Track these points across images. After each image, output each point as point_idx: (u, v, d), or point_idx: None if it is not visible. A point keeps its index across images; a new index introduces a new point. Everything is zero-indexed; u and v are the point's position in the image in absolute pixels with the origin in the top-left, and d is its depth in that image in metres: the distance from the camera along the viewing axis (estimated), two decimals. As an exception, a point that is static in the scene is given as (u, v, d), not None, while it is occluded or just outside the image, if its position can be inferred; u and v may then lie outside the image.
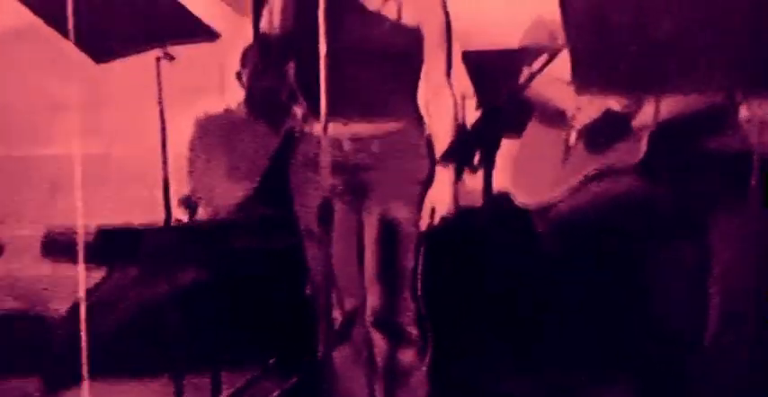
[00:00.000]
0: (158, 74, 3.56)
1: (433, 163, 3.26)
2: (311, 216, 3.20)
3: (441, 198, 3.24)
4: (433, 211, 3.24)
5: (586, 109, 2.96)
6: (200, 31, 3.49)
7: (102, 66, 3.60)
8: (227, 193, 4.36)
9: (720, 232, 2.80)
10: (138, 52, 3.55)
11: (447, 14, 3.32)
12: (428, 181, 3.27)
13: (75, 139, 4.60)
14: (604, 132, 2.95)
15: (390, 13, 3.28)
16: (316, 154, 3.20)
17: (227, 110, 4.58)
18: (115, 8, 3.40)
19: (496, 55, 4.13)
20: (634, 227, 2.97)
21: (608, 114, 2.94)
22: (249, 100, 4.48)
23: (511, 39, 3.54)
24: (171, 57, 3.55)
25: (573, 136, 3.06)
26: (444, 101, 3.30)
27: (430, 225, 3.24)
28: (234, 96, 4.68)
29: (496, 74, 4.00)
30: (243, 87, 4.50)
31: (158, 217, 3.70)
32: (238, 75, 4.51)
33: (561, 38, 4.13)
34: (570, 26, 2.27)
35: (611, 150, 2.95)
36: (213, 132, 4.52)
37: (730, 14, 2.19)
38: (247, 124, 4.50)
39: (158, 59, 3.54)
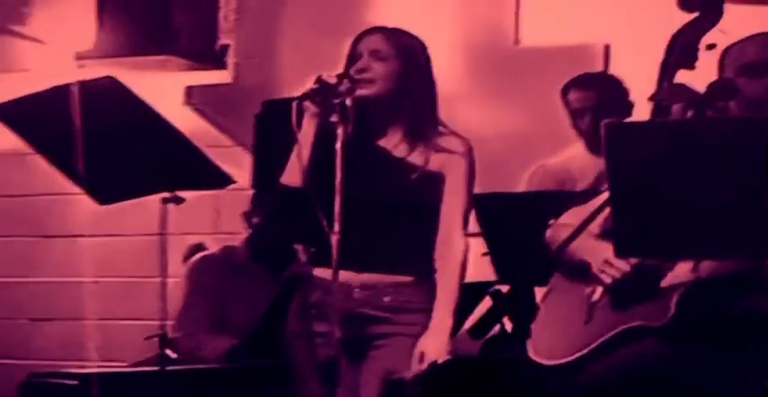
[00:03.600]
0: (163, 216, 3.40)
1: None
2: (310, 368, 3.07)
3: (433, 344, 3.10)
4: (422, 356, 3.09)
5: (617, 262, 2.85)
6: (214, 178, 3.37)
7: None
8: (218, 340, 4.20)
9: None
10: (146, 195, 3.41)
11: (472, 161, 3.25)
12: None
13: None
14: (632, 290, 2.83)
15: (416, 160, 3.20)
16: (320, 302, 3.08)
17: (226, 249, 4.45)
18: (126, 152, 3.27)
19: (506, 198, 4.03)
20: (661, 394, 2.83)
21: (638, 270, 2.83)
22: (252, 242, 4.35)
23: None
24: (180, 200, 3.38)
25: (598, 293, 2.94)
26: (454, 246, 3.19)
27: (418, 372, 3.07)
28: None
29: (506, 218, 3.89)
30: (248, 228, 4.39)
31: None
32: (246, 216, 4.40)
33: (569, 185, 4.10)
34: (616, 194, 2.21)
35: (638, 310, 2.83)
36: (209, 273, 4.37)
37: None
38: (245, 267, 4.36)
39: (165, 201, 3.39)
